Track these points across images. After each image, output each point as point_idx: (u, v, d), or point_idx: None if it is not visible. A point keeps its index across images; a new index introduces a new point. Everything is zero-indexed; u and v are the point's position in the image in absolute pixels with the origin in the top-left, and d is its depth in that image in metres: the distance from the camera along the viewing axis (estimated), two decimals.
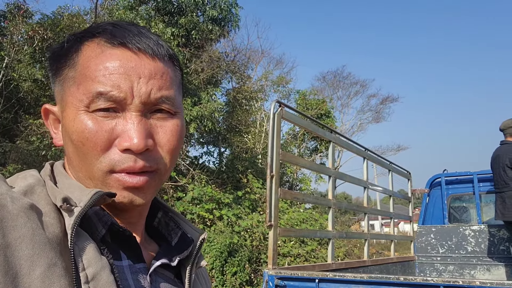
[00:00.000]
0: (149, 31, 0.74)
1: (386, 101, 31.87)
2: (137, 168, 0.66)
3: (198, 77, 14.37)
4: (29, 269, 0.53)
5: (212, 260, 10.62)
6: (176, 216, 0.84)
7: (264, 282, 3.00)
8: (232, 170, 16.33)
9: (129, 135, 0.65)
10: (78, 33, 0.73)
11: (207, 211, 12.01)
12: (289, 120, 3.42)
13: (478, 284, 2.26)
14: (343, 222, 19.64)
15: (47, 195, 0.64)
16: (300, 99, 25.26)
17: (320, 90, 30.06)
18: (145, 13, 13.47)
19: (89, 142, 0.65)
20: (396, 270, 5.30)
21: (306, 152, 24.33)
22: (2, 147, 10.92)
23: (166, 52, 0.73)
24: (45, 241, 0.56)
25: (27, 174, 0.67)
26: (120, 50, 0.68)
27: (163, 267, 0.74)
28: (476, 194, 6.05)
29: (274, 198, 3.07)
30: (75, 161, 0.69)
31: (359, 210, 5.17)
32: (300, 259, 13.09)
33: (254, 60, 22.92)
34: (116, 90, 0.65)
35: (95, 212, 0.67)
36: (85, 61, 0.68)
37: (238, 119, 16.85)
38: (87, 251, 0.60)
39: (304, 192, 21.14)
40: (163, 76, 0.70)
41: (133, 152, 0.66)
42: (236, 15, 14.42)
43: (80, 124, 0.66)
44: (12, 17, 13.12)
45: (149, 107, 0.69)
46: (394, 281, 2.57)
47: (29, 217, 0.57)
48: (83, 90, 0.66)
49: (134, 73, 0.67)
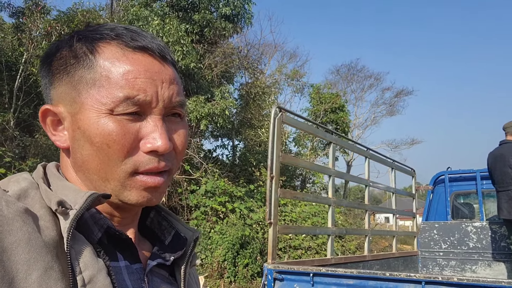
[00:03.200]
0: (156, 37, 0.76)
1: (400, 94, 31.80)
2: (160, 168, 0.69)
3: (212, 72, 14.60)
4: (26, 274, 0.54)
5: (224, 252, 10.88)
6: (168, 215, 0.86)
7: (264, 275, 3.24)
8: (245, 163, 16.57)
9: (154, 138, 0.67)
10: (86, 32, 0.73)
11: (220, 204, 12.25)
12: (290, 124, 3.64)
13: (456, 280, 2.47)
14: (357, 215, 19.70)
15: (41, 198, 0.64)
16: (314, 92, 25.31)
17: (334, 83, 30.13)
18: (159, 9, 13.71)
19: (116, 145, 0.66)
20: (398, 265, 5.50)
21: (320, 146, 24.41)
22: (22, 142, 11.27)
23: (174, 58, 0.77)
24: (41, 244, 0.57)
25: (20, 177, 0.67)
26: (142, 54, 0.70)
27: (158, 266, 0.76)
28: (478, 192, 6.19)
29: (274, 198, 3.30)
30: (92, 163, 0.68)
31: (360, 207, 5.36)
32: (311, 251, 13.31)
33: (267, 54, 23.09)
34: (142, 94, 0.67)
35: (91, 215, 0.68)
36: (106, 63, 0.68)
37: (251, 112, 17.03)
38: (84, 254, 0.61)
39: (313, 189, 21.29)
40: (178, 81, 0.74)
41: (157, 154, 0.68)
42: (249, 11, 14.58)
43: (105, 127, 0.66)
44: (30, 13, 13.44)
45: (168, 110, 0.71)
46: (382, 276, 2.79)
47: (25, 221, 0.57)
48: (107, 94, 0.66)
49: (158, 78, 0.69)
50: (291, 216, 13.82)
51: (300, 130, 10.87)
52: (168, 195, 12.44)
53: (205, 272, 10.85)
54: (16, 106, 12.80)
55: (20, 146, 11.22)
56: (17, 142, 11.20)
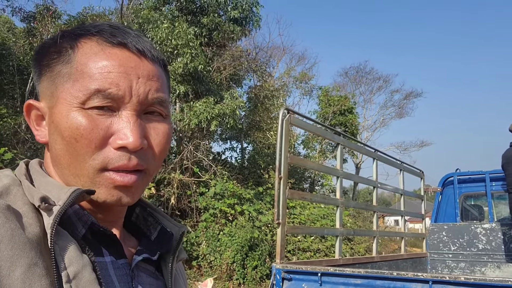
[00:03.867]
0: (143, 35, 0.75)
1: (409, 97, 31.61)
2: (130, 166, 0.67)
3: (220, 75, 14.67)
4: (9, 270, 0.53)
5: (233, 254, 10.91)
6: (154, 211, 0.85)
7: (272, 275, 3.28)
8: (254, 165, 16.59)
9: (125, 133, 0.66)
10: (73, 29, 0.73)
11: (228, 206, 12.29)
12: (298, 125, 3.68)
13: (463, 280, 2.48)
14: (366, 218, 19.64)
15: (24, 195, 0.64)
16: (323, 95, 25.31)
17: (343, 85, 30.06)
18: (169, 13, 13.82)
19: (84, 139, 0.65)
20: (407, 266, 5.50)
21: (328, 148, 24.38)
22: (34, 144, 11.40)
23: (160, 56, 0.75)
24: (24, 241, 0.56)
25: (1, 174, 0.66)
26: (119, 49, 0.69)
27: (144, 261, 0.76)
28: (488, 193, 6.16)
29: (282, 199, 3.34)
30: (63, 158, 0.68)
31: (368, 208, 5.37)
32: (320, 254, 13.30)
33: (276, 57, 23.14)
34: (114, 88, 0.66)
35: (75, 212, 0.67)
36: (83, 58, 0.67)
37: (260, 115, 17.07)
38: (68, 250, 0.60)
39: (322, 191, 21.26)
40: (159, 79, 0.72)
41: (128, 151, 0.66)
42: (257, 14, 14.64)
43: (74, 121, 0.65)
44: (41, 18, 13.59)
45: (144, 107, 0.70)
46: (389, 276, 2.81)
47: (7, 218, 0.56)
48: (80, 87, 0.66)
49: (134, 73, 0.68)
50: (300, 218, 13.83)
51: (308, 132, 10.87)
52: (177, 198, 12.49)
53: (214, 274, 10.89)
54: None
55: (31, 149, 11.35)
56: (28, 145, 11.34)
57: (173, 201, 12.30)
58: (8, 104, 12.77)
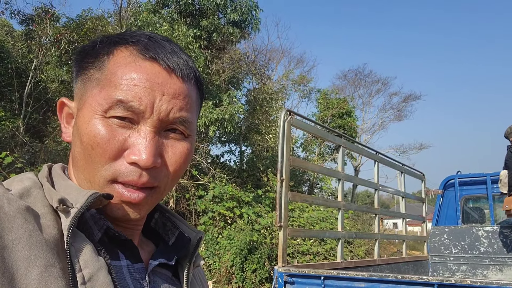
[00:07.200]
0: (181, 50, 0.75)
1: (408, 99, 31.72)
2: (140, 183, 0.67)
3: (219, 77, 14.65)
4: (26, 270, 0.54)
5: (232, 257, 10.86)
6: (172, 216, 0.85)
7: (274, 278, 3.23)
8: (253, 168, 16.56)
9: (139, 150, 0.65)
10: (112, 36, 0.74)
11: (227, 209, 12.25)
12: (299, 127, 3.64)
13: (469, 283, 2.44)
14: (365, 221, 19.60)
15: (44, 197, 0.64)
16: (321, 98, 25.32)
17: (341, 88, 30.14)
18: (168, 15, 13.80)
19: (99, 148, 0.65)
20: (408, 269, 5.45)
21: (327, 151, 24.39)
22: (32, 147, 11.35)
23: (193, 74, 0.74)
24: (42, 242, 0.57)
25: (24, 177, 0.67)
26: (150, 63, 0.69)
27: (161, 266, 0.76)
28: (489, 196, 6.14)
29: (284, 201, 3.30)
30: (80, 162, 0.69)
31: (370, 211, 5.33)
32: (320, 257, 13.25)
33: (274, 60, 23.16)
34: (137, 102, 0.66)
35: (92, 216, 0.68)
36: (114, 67, 0.68)
37: (259, 118, 17.05)
38: (84, 252, 0.61)
39: (321, 194, 21.22)
40: (186, 98, 0.71)
41: (140, 167, 0.66)
42: (257, 17, 14.63)
43: (93, 128, 0.66)
44: (40, 20, 13.56)
45: (165, 125, 0.69)
46: (393, 279, 2.77)
47: (26, 218, 0.57)
48: (105, 95, 0.66)
49: (159, 89, 0.67)
50: (299, 222, 13.78)
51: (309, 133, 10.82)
52: (176, 201, 12.45)
53: (213, 277, 10.83)
54: (26, 112, 12.93)
55: (30, 152, 11.31)
56: (26, 148, 11.29)
57: (171, 204, 12.26)
58: (6, 107, 12.72)
